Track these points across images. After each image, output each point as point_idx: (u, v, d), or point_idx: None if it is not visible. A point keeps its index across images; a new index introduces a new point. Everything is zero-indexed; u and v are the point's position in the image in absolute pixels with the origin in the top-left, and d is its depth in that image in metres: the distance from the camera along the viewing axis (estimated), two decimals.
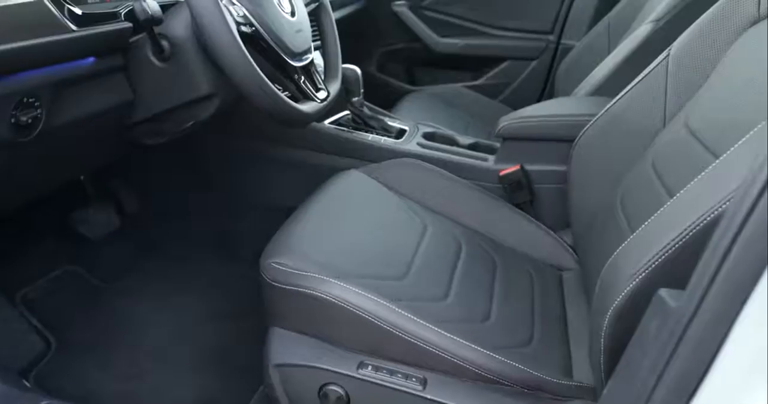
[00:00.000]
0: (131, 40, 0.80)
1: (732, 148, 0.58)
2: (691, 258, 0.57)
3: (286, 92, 0.81)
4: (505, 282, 0.98)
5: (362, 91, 1.22)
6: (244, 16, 0.75)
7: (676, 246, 0.56)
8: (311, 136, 1.19)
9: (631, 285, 0.59)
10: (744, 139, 0.57)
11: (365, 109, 1.26)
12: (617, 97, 0.98)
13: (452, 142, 1.31)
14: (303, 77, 0.85)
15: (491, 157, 1.23)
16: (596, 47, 1.60)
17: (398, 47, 2.01)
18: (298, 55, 0.84)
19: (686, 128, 0.84)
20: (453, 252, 1.00)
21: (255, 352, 0.83)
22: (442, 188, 1.14)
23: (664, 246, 0.57)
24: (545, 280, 1.05)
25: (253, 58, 0.71)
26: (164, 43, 0.79)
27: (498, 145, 1.28)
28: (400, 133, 1.27)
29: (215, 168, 1.34)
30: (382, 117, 1.29)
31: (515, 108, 1.89)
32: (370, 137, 1.21)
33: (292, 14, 0.84)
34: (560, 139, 1.10)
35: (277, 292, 0.77)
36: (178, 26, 0.79)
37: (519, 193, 1.16)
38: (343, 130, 1.22)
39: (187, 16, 0.80)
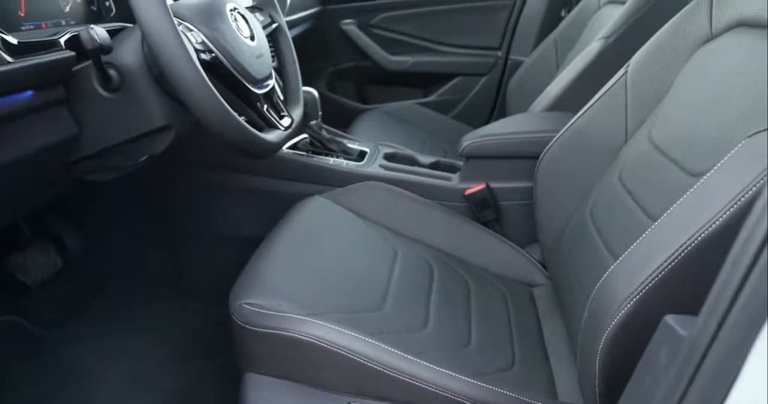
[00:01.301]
0: (74, 69, 0.74)
1: (713, 169, 0.58)
2: (685, 280, 0.57)
3: (249, 121, 0.77)
4: (480, 303, 0.97)
5: (320, 113, 1.19)
6: (203, 43, 0.71)
7: (668, 268, 0.56)
8: (269, 162, 1.14)
9: (625, 309, 0.58)
10: (724, 160, 0.57)
11: (324, 132, 1.22)
12: (579, 114, 0.99)
13: (413, 161, 1.29)
14: (265, 104, 0.81)
15: (454, 176, 1.22)
16: (545, 62, 1.63)
17: (348, 66, 1.99)
18: (260, 82, 0.79)
19: (651, 143, 0.85)
20: (426, 276, 0.97)
21: (223, 395, 0.77)
22: (407, 210, 1.12)
23: (656, 269, 0.57)
24: (518, 298, 1.04)
25: (214, 87, 0.67)
26: (112, 72, 0.73)
27: (459, 162, 1.28)
28: (361, 155, 1.24)
29: (166, 198, 1.26)
30: (341, 139, 1.26)
31: (468, 123, 1.92)
32: (332, 161, 1.17)
33: (252, 38, 0.80)
34: (524, 156, 1.11)
35: (252, 336, 0.71)
36: (128, 53, 0.73)
37: (485, 211, 1.16)
38: (303, 155, 1.18)
39: (138, 43, 0.74)
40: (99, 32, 0.64)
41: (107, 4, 0.88)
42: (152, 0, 0.61)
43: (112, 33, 0.74)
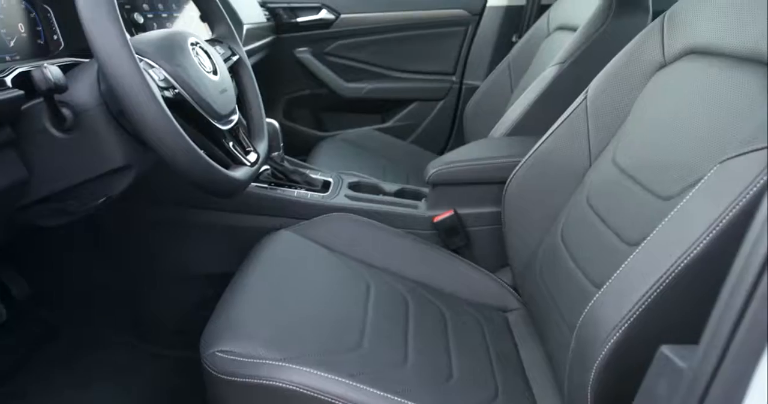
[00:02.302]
0: (23, 108, 0.69)
1: (688, 194, 0.59)
2: (674, 306, 0.57)
3: (214, 158, 0.73)
4: (458, 333, 0.95)
5: (282, 144, 1.16)
6: (165, 80, 0.67)
7: (656, 294, 0.56)
8: None
9: (615, 337, 0.58)
10: (699, 186, 0.58)
11: (286, 164, 1.19)
12: (542, 139, 1.01)
13: (377, 190, 1.28)
14: (231, 140, 0.78)
15: (421, 204, 1.21)
16: (500, 87, 1.67)
17: (304, 94, 1.98)
18: (225, 117, 0.76)
19: (616, 167, 0.87)
20: (401, 309, 0.95)
21: None
22: (377, 241, 1.10)
23: (643, 295, 0.57)
24: (494, 325, 1.03)
25: (178, 125, 0.63)
26: (65, 111, 0.68)
27: (424, 189, 1.27)
28: (325, 186, 1.22)
29: (120, 238, 1.19)
30: (303, 170, 1.23)
31: (427, 148, 1.94)
32: (296, 193, 1.14)
33: (215, 73, 0.77)
34: (490, 182, 1.11)
35: (228, 386, 0.67)
36: (83, 91, 0.68)
37: (454, 237, 1.15)
38: (266, 188, 1.14)
39: (94, 79, 0.70)
40: (53, 71, 0.59)
41: (55, 37, 0.83)
42: (112, 36, 0.57)
43: (64, 69, 0.70)
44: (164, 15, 1.09)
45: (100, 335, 1.19)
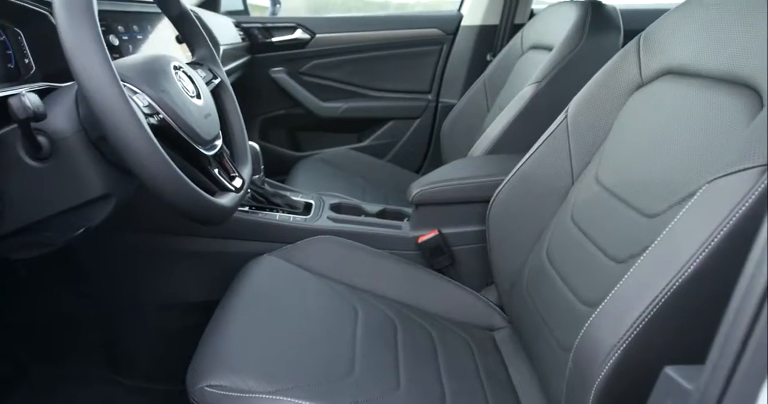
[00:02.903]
0: None
1: (680, 214, 0.60)
2: (671, 325, 0.57)
3: (200, 185, 0.71)
4: (447, 355, 0.94)
5: (263, 167, 1.14)
6: (149, 106, 0.65)
7: (652, 313, 0.56)
8: None
9: (614, 358, 0.58)
10: (689, 205, 0.59)
11: (266, 186, 1.17)
12: (525, 158, 1.02)
13: (359, 211, 1.27)
14: (215, 166, 0.76)
15: (404, 224, 1.21)
16: (476, 105, 1.68)
17: (279, 114, 1.96)
18: (209, 143, 0.74)
19: (599, 185, 0.88)
20: (390, 333, 0.94)
21: None
22: (361, 263, 1.09)
23: (640, 315, 0.57)
24: (482, 345, 1.02)
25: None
26: (41, 138, 0.66)
27: (406, 209, 1.27)
28: (307, 208, 1.20)
29: (95, 267, 1.15)
30: (284, 192, 1.21)
31: (404, 166, 1.94)
32: (278, 216, 1.12)
33: (198, 97, 0.75)
34: (474, 201, 1.12)
35: None
36: (61, 118, 0.66)
37: (439, 257, 1.15)
38: (247, 212, 1.12)
39: (72, 105, 0.67)
40: (32, 99, 0.57)
41: (26, 61, 0.80)
42: (96, 61, 0.55)
43: (38, 94, 0.67)
44: (139, 37, 1.06)
45: (75, 370, 1.13)
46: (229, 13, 1.84)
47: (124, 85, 0.59)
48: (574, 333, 0.79)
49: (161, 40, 1.17)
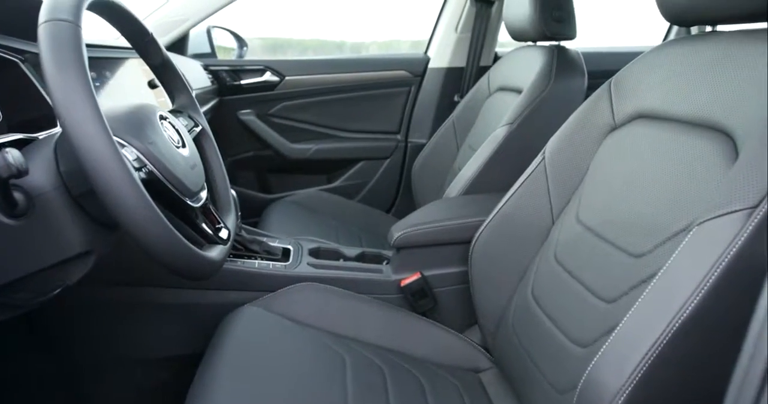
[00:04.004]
0: None
1: (672, 258, 0.61)
2: (675, 366, 0.58)
3: (188, 238, 0.69)
4: (437, 401, 0.92)
5: (239, 214, 1.12)
6: (138, 159, 0.63)
7: (655, 355, 0.57)
8: None
9: (620, 402, 0.58)
10: (682, 247, 0.61)
11: (243, 233, 1.15)
12: (505, 199, 1.03)
13: (338, 255, 1.25)
14: (201, 218, 0.73)
15: (384, 267, 1.19)
16: (446, 145, 1.71)
17: (248, 156, 1.94)
18: (196, 194, 0.72)
19: (580, 224, 0.90)
20: (380, 381, 0.92)
21: None
22: (345, 310, 1.07)
23: (644, 357, 0.57)
24: (470, 389, 1.01)
25: None
26: (17, 195, 0.62)
27: (384, 252, 1.26)
28: (285, 254, 1.18)
29: (63, 323, 1.08)
30: (261, 238, 1.19)
31: (375, 206, 1.94)
32: (257, 264, 1.10)
33: (183, 146, 0.73)
34: (456, 242, 1.12)
35: None
36: (40, 173, 0.62)
37: (422, 300, 1.14)
38: (225, 260, 1.08)
39: (50, 159, 0.64)
40: (15, 156, 0.54)
41: None
42: (88, 116, 0.53)
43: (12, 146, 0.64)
44: (112, 82, 1.04)
45: None
46: (197, 56, 1.83)
47: None
48: (568, 375, 0.79)
49: (134, 86, 1.15)
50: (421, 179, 1.78)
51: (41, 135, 0.77)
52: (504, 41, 1.97)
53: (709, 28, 0.83)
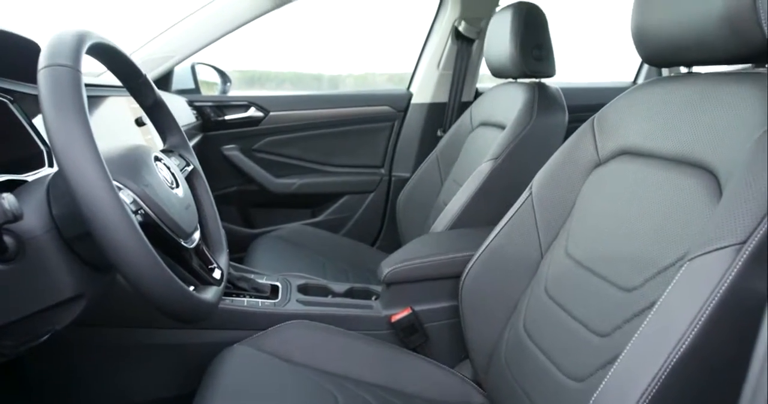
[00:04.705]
0: None
1: (665, 293, 0.62)
2: (669, 400, 0.59)
3: (182, 280, 0.68)
4: None
5: (227, 251, 1.11)
6: (134, 202, 0.63)
7: (655, 390, 0.58)
8: None
9: None
10: (674, 283, 0.62)
11: (231, 271, 1.13)
12: (494, 233, 1.04)
13: (327, 291, 1.24)
14: (195, 259, 0.73)
15: (374, 303, 1.19)
16: (430, 179, 1.74)
17: (231, 190, 1.93)
18: (190, 235, 0.72)
19: (570, 258, 0.91)
20: None
21: None
22: (336, 347, 1.06)
23: (643, 393, 0.58)
24: None
25: None
26: (7, 238, 0.61)
27: (373, 286, 1.26)
28: (274, 291, 1.16)
29: (46, 368, 1.04)
30: (249, 275, 1.17)
31: (360, 240, 1.94)
32: (246, 302, 1.08)
33: (177, 186, 0.73)
34: (446, 277, 1.12)
35: None
36: (32, 216, 0.61)
37: (413, 336, 1.13)
38: (220, 302, 1.07)
39: (42, 201, 0.63)
40: (10, 201, 0.53)
41: None
42: (88, 161, 0.53)
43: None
44: (98, 121, 1.04)
45: None
46: (181, 92, 1.84)
47: None
48: None
49: (121, 124, 1.15)
50: (406, 213, 1.79)
51: (30, 176, 0.76)
52: (482, 74, 2.03)
53: (684, 69, 0.87)
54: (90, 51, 0.64)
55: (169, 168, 0.75)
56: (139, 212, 0.63)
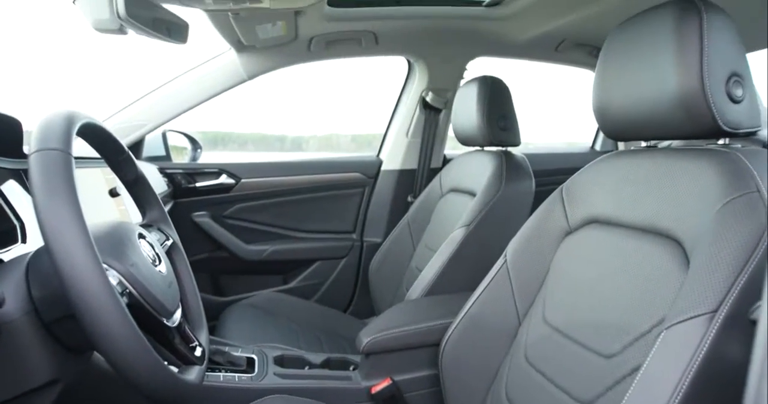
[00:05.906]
0: None
1: (646, 362, 0.64)
2: None
3: (165, 360, 0.66)
4: None
5: (207, 327, 1.08)
6: (120, 283, 0.62)
7: None
8: None
9: None
10: (654, 351, 0.64)
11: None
12: (471, 301, 1.06)
13: (304, 362, 1.21)
14: (177, 337, 0.71)
15: (352, 374, 1.17)
16: (402, 244, 1.75)
17: (201, 257, 1.90)
18: (173, 314, 0.70)
19: (548, 325, 0.93)
20: None
21: None
22: None
23: None
24: None
25: None
26: None
27: (350, 357, 1.24)
28: (250, 364, 1.13)
29: None
30: (223, 348, 1.14)
31: (332, 305, 1.91)
32: (222, 377, 1.04)
33: (159, 262, 0.72)
34: (425, 345, 1.12)
35: None
36: (10, 299, 0.59)
37: None
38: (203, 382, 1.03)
39: (20, 284, 0.62)
40: None
41: None
42: (79, 245, 0.52)
43: None
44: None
45: None
46: (152, 159, 1.84)
47: None
48: None
49: (96, 195, 1.14)
50: (379, 278, 1.79)
51: (3, 252, 0.74)
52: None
53: (644, 143, 0.93)
54: (79, 133, 0.65)
55: (152, 245, 0.74)
56: (125, 293, 0.62)
